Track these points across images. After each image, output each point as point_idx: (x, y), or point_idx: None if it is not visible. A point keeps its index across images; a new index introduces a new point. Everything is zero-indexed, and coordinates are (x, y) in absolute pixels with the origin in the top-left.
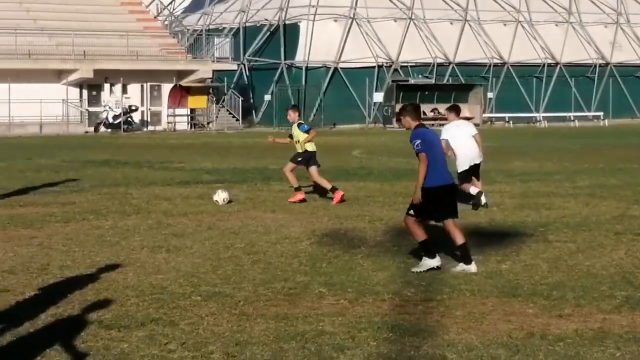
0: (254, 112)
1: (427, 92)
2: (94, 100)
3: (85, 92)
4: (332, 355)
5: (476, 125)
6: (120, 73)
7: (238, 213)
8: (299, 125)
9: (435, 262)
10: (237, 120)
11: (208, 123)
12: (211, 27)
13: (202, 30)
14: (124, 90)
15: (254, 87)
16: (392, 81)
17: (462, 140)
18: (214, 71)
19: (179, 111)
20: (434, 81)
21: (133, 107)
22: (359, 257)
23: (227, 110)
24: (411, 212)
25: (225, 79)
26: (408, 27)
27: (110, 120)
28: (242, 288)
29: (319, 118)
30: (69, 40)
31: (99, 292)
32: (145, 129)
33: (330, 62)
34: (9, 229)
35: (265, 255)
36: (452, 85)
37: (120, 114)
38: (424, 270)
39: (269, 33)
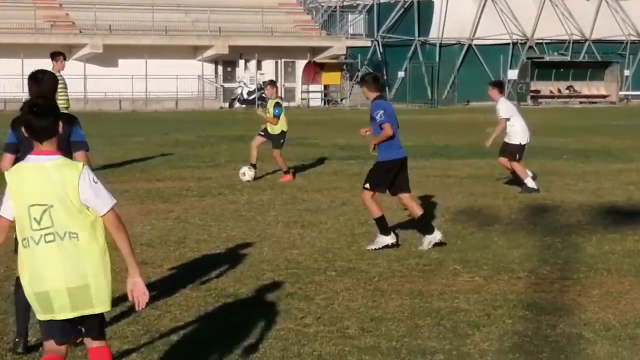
0: (387, 88)
1: (562, 70)
2: (229, 76)
3: (220, 68)
4: (467, 333)
5: (612, 103)
6: (255, 49)
7: None
8: (275, 105)
9: (389, 239)
10: None
11: (341, 99)
12: (345, 3)
13: (336, 7)
14: (259, 67)
15: (387, 64)
16: (527, 58)
17: (518, 115)
18: (347, 48)
19: (312, 87)
20: (569, 58)
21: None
22: (494, 235)
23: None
24: (367, 185)
25: (359, 55)
26: (543, 4)
27: (245, 96)
28: (376, 264)
29: (453, 95)
30: (205, 16)
31: (235, 267)
32: None
33: (464, 39)
34: (147, 203)
35: (399, 231)
36: (588, 63)
37: (255, 90)
38: (379, 248)
39: (402, 9)
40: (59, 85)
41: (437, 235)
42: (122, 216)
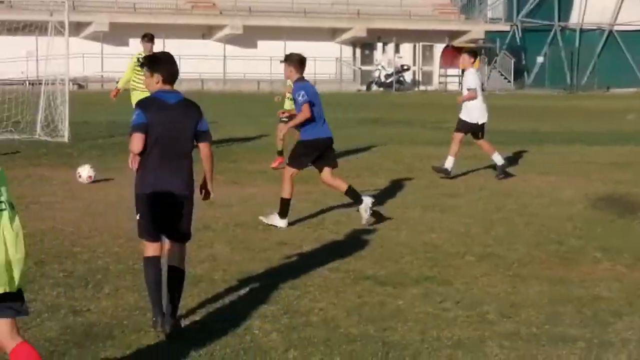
0: (525, 73)
1: None
2: (367, 59)
3: (358, 50)
4: (609, 321)
5: None
6: (393, 32)
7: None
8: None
9: (281, 223)
10: (509, 81)
11: None
12: None
13: None
14: (397, 50)
15: (526, 49)
16: None
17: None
18: (486, 32)
19: (450, 71)
20: None
21: (405, 67)
22: (635, 223)
23: (499, 71)
24: (287, 162)
25: (497, 40)
26: None
27: (382, 79)
28: (515, 249)
29: (592, 81)
30: None
31: (373, 249)
32: (416, 89)
33: (605, 25)
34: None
35: (537, 217)
36: None
37: (392, 73)
38: (268, 223)
39: None
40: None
41: (368, 201)
42: (263, 198)
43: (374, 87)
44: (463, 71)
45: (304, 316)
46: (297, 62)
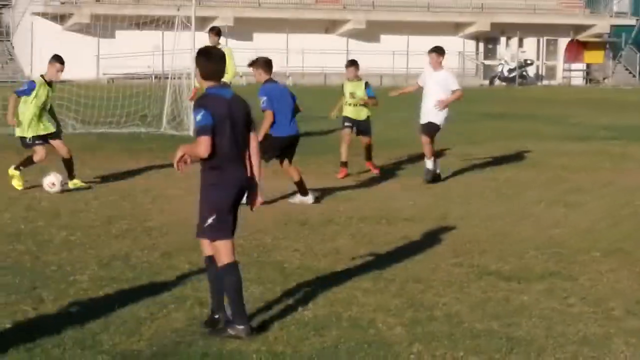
0: None
1: None
2: (490, 53)
3: (481, 45)
4: None
5: None
6: (517, 27)
7: (637, 170)
8: (367, 86)
9: (309, 199)
10: (634, 76)
11: (604, 79)
12: None
13: None
14: (520, 44)
15: None
16: None
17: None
18: (611, 26)
19: (574, 66)
20: None
21: (528, 61)
22: None
23: (624, 66)
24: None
25: (623, 34)
26: None
27: (505, 74)
28: None
29: None
30: None
31: (497, 244)
32: (539, 83)
33: None
34: (408, 179)
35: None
36: None
37: (515, 67)
38: (297, 202)
39: None
40: None
41: (310, 198)
42: (387, 193)
43: (497, 82)
44: (588, 65)
45: (428, 310)
46: (263, 64)
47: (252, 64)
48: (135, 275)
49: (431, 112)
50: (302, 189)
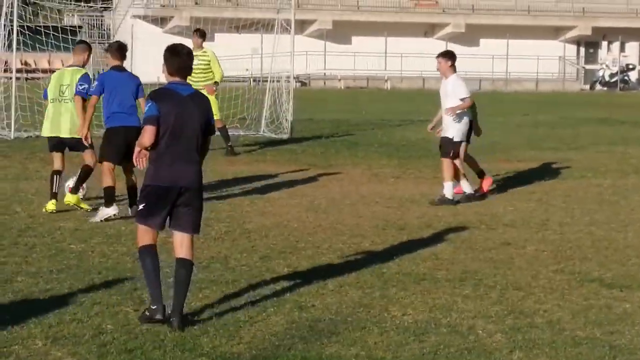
0: None
1: None
2: (591, 57)
3: (582, 49)
4: None
5: None
6: (618, 31)
7: None
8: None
9: (112, 210)
10: None
11: None
12: None
13: None
14: (622, 49)
15: None
16: None
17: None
18: None
19: None
20: None
21: (630, 66)
22: None
23: None
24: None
25: None
26: None
27: (607, 79)
28: None
29: None
30: None
31: (599, 251)
32: None
33: None
34: (507, 183)
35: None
36: None
37: (617, 72)
38: (99, 220)
39: None
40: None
41: (109, 211)
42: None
43: (598, 87)
44: None
45: (528, 317)
46: (114, 50)
47: (107, 50)
48: (235, 277)
49: (445, 126)
50: (110, 200)
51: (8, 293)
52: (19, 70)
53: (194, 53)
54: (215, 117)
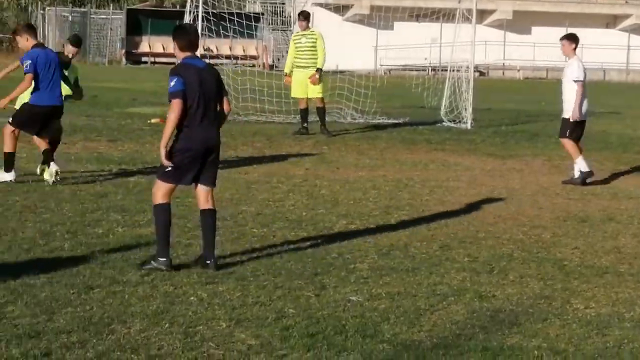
0: None
1: None
2: None
3: None
4: None
5: None
6: None
7: None
8: None
9: (9, 176)
10: None
11: None
12: None
13: None
14: None
15: None
16: None
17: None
18: None
19: None
20: None
21: None
22: None
23: None
24: (9, 120)
25: None
26: None
27: None
28: None
29: None
30: None
31: None
32: None
33: None
34: None
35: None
36: None
37: None
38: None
39: None
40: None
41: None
42: None
43: None
44: None
45: None
46: (27, 30)
47: (15, 32)
48: (414, 265)
49: (565, 107)
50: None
51: (193, 274)
52: (202, 56)
53: (302, 33)
54: (318, 96)
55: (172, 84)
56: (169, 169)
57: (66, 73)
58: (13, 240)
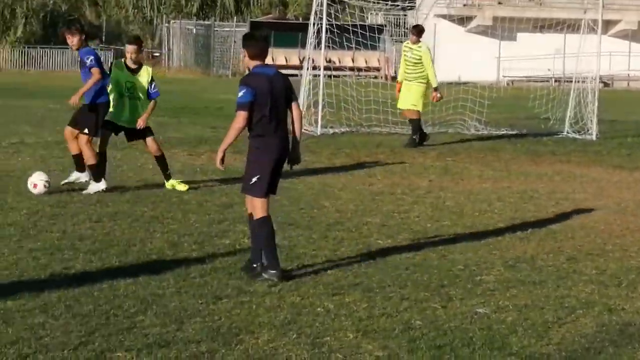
0: None
1: None
2: None
3: None
4: None
5: None
6: None
7: None
8: None
9: (102, 184)
10: None
11: None
12: None
13: None
14: None
15: None
16: None
17: None
18: None
19: None
20: None
21: None
22: None
23: None
24: (85, 131)
25: None
26: None
27: None
28: None
29: None
30: None
31: None
32: None
33: None
34: None
35: None
36: None
37: None
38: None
39: None
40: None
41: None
42: None
43: None
44: None
45: None
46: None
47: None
48: (542, 278)
49: None
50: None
51: (319, 285)
52: (325, 68)
53: (409, 46)
54: (414, 108)
55: (241, 94)
56: (256, 181)
57: (129, 79)
58: (141, 250)
